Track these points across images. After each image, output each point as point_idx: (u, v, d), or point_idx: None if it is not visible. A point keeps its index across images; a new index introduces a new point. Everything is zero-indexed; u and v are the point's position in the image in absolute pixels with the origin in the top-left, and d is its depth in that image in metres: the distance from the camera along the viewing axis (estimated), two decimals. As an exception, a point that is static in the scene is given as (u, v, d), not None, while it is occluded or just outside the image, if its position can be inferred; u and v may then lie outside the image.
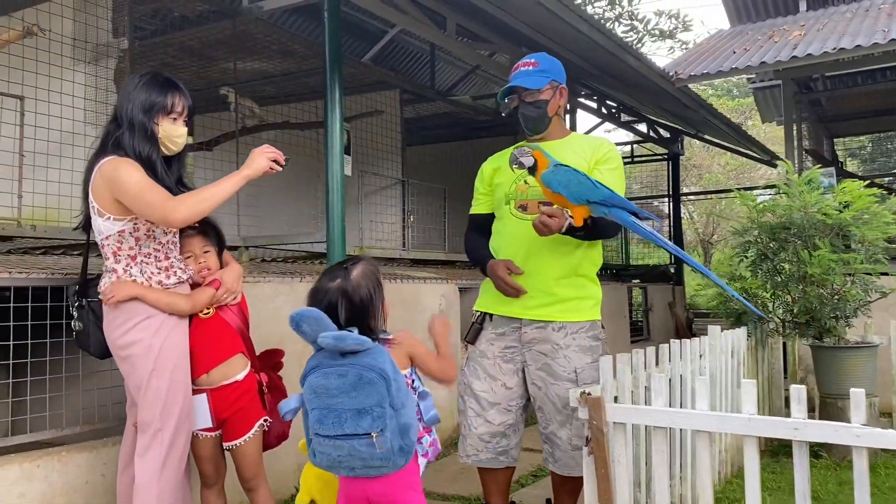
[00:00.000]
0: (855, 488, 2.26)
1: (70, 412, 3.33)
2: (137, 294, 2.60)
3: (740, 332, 4.49)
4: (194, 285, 2.82)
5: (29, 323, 3.14)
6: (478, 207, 3.22)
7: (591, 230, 2.78)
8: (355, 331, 2.16)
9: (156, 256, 2.69)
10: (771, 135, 19.52)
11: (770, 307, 4.89)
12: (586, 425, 2.69)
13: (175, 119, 2.71)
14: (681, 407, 3.48)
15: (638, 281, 10.39)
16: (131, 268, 2.64)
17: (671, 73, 6.45)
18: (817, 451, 4.58)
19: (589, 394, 2.70)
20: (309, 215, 6.40)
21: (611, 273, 10.26)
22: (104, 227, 2.62)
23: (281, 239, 5.03)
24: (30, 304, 3.15)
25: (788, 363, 5.60)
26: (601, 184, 2.71)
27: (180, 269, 2.76)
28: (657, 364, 3.43)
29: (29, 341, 3.15)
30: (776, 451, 4.76)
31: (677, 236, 11.00)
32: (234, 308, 2.89)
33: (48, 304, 3.19)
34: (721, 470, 4.12)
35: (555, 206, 2.71)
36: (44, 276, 3.19)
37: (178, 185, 2.81)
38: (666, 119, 9.61)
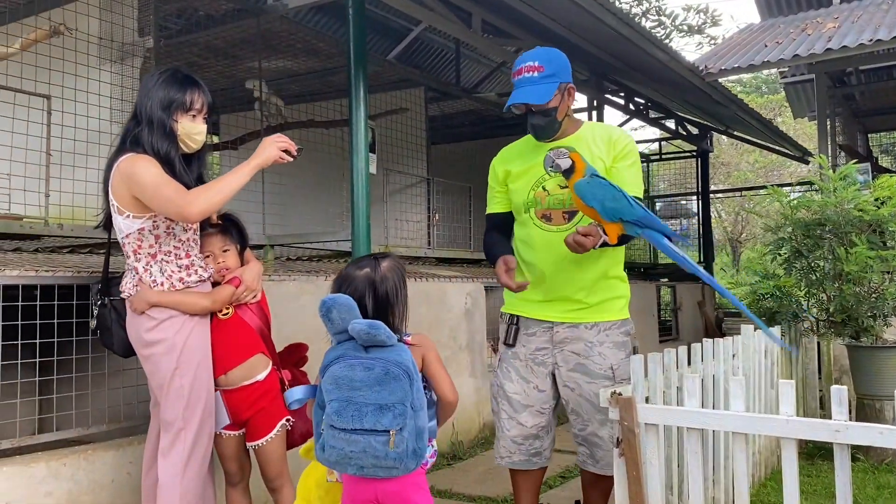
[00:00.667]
0: (900, 494, 2.16)
1: (96, 410, 3.33)
2: (157, 302, 2.59)
3: (774, 332, 4.38)
4: (214, 284, 2.80)
5: (55, 321, 3.14)
6: (494, 206, 3.10)
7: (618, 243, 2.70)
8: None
9: (176, 254, 2.67)
10: (801, 131, 19.21)
11: (805, 306, 4.77)
12: (617, 426, 2.62)
13: (194, 116, 2.68)
14: (713, 408, 3.40)
15: (667, 280, 10.25)
16: (151, 266, 2.62)
17: (701, 68, 6.33)
18: (854, 453, 4.46)
19: (620, 394, 2.63)
20: (334, 213, 6.39)
21: (639, 272, 10.14)
22: (124, 225, 2.60)
23: (306, 237, 5.01)
24: (55, 303, 3.15)
25: (822, 364, 5.47)
26: (636, 201, 2.61)
27: (201, 266, 2.73)
28: (689, 364, 3.35)
29: (55, 339, 3.15)
30: (811, 454, 4.64)
31: (706, 235, 10.83)
32: (254, 307, 2.86)
33: (74, 303, 3.19)
34: (755, 473, 4.01)
35: (589, 222, 2.62)
36: (69, 275, 3.19)
37: (197, 183, 2.78)
38: (695, 115, 9.46)
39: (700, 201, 10.85)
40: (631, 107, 8.53)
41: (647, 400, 2.83)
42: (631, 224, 2.56)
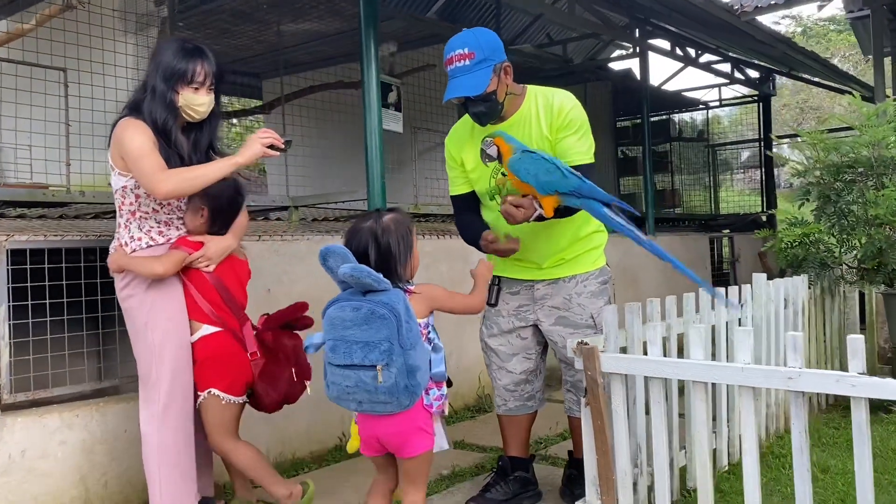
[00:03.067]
0: (854, 442, 2.09)
1: (110, 366, 3.53)
2: (123, 265, 2.73)
3: (798, 280, 4.21)
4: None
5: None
6: (457, 188, 3.10)
7: (563, 214, 2.73)
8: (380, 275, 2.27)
9: (155, 217, 2.78)
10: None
11: (836, 253, 4.55)
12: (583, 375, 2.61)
13: (196, 88, 2.75)
14: (727, 360, 3.33)
15: (727, 231, 9.93)
16: (131, 223, 2.77)
17: (736, 7, 6.02)
18: (888, 406, 4.26)
19: (586, 344, 2.61)
20: (361, 173, 6.44)
21: (699, 224, 9.87)
22: (113, 181, 2.77)
23: (326, 198, 5.09)
24: (84, 265, 3.33)
25: (866, 314, 5.22)
26: (571, 171, 2.61)
27: (183, 224, 2.86)
28: (697, 312, 3.28)
29: (65, 300, 3.33)
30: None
31: (769, 183, 10.40)
32: (209, 276, 2.85)
33: (82, 265, 3.37)
34: (770, 426, 3.90)
35: (523, 196, 2.66)
36: (78, 239, 3.37)
37: (209, 151, 2.90)
38: (752, 57, 9.00)
39: (762, 149, 10.39)
40: (678, 52, 8.21)
41: (623, 351, 2.80)
42: (567, 195, 2.59)
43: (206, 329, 2.83)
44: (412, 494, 2.38)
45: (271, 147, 2.69)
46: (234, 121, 14.59)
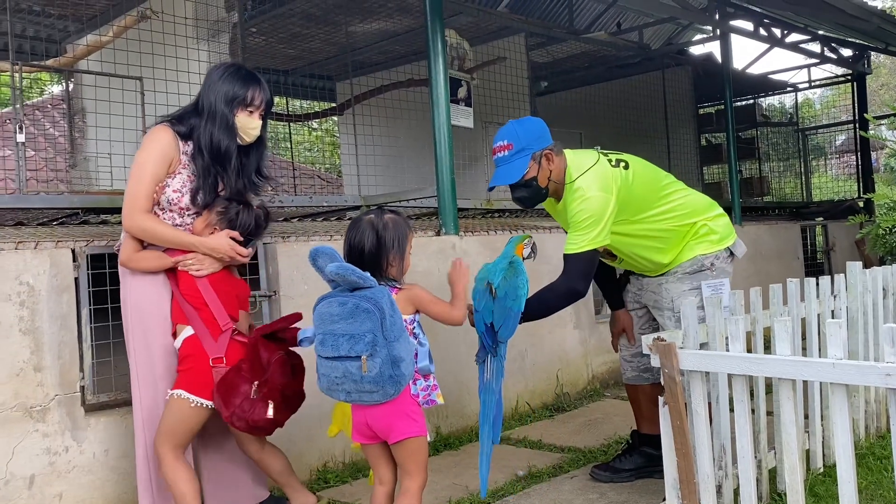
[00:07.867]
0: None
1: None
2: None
3: (899, 268, 3.92)
4: None
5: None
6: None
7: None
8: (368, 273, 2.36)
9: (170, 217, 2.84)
10: None
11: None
12: (661, 374, 2.47)
13: (251, 112, 2.82)
14: (819, 355, 3.12)
15: (821, 219, 9.43)
16: None
17: (823, -20, 5.66)
18: None
19: (663, 340, 2.47)
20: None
21: (789, 212, 9.41)
22: None
23: (396, 196, 5.08)
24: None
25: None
26: (502, 331, 2.71)
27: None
28: (785, 304, 3.09)
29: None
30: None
31: (866, 168, 9.80)
32: (197, 281, 2.79)
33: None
34: (870, 424, 3.64)
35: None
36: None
37: (257, 176, 2.96)
38: (843, 34, 8.50)
39: (857, 130, 9.80)
40: (762, 32, 7.82)
41: (704, 347, 2.65)
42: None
43: (189, 331, 2.77)
44: (406, 481, 2.44)
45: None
46: (314, 124, 14.86)
